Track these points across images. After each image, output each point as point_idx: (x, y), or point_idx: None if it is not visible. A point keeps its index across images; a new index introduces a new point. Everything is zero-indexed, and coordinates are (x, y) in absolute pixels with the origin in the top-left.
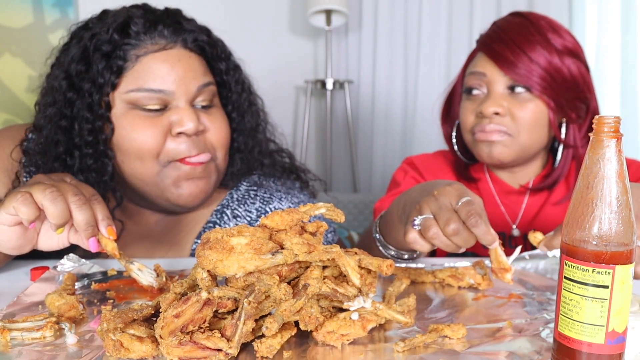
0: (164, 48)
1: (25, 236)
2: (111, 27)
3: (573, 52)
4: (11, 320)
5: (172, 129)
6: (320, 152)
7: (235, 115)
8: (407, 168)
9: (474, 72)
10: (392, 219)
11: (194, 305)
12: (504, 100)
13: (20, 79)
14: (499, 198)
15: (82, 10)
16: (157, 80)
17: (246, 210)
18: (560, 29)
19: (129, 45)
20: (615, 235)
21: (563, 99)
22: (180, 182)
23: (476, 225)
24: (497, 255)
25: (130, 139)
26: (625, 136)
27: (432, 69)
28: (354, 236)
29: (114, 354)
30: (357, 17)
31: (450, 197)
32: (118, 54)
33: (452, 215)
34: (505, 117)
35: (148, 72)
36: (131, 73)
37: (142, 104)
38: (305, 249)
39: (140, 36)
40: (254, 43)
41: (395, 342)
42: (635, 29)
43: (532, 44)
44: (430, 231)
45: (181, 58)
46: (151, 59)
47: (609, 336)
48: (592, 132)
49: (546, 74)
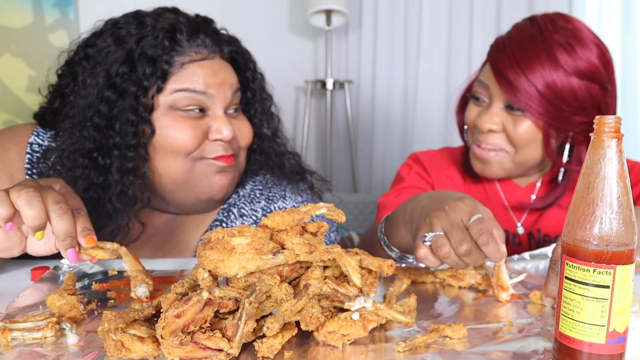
0: (207, 58)
1: (10, 239)
2: (160, 32)
3: (585, 74)
4: (12, 321)
5: (209, 134)
6: (320, 152)
7: (256, 120)
8: (412, 164)
9: (481, 81)
10: (398, 221)
11: (195, 306)
12: (500, 117)
13: (20, 79)
14: (504, 195)
15: (82, 10)
16: (202, 84)
17: (252, 209)
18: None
19: (175, 51)
20: (616, 236)
21: (564, 123)
22: (212, 176)
23: (487, 244)
24: (500, 272)
25: (170, 137)
26: (626, 136)
27: (432, 69)
28: (354, 237)
29: (115, 354)
30: (357, 17)
31: (462, 214)
32: (165, 59)
33: (464, 236)
34: (501, 133)
35: (194, 76)
36: (176, 77)
37: (183, 105)
38: (306, 249)
39: (185, 43)
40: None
41: (396, 342)
42: (635, 29)
43: (533, 65)
44: (443, 250)
45: (221, 67)
46: (196, 66)
47: (610, 336)
48: (593, 132)
49: (543, 99)
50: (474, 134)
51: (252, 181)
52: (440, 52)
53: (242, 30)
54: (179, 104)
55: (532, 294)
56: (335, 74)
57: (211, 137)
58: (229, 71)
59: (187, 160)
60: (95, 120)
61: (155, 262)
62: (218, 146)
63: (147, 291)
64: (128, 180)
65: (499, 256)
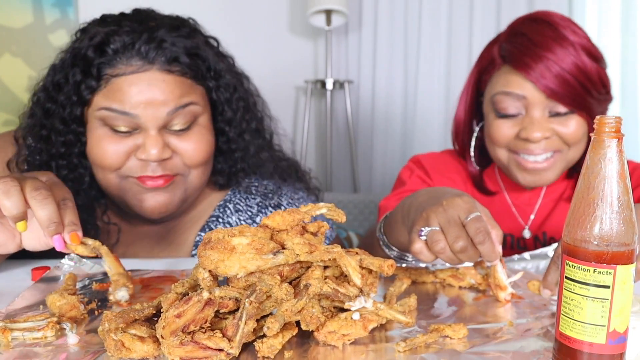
0: (138, 71)
1: (2, 233)
2: (90, 43)
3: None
4: (12, 320)
5: (137, 152)
6: (320, 152)
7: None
8: (414, 167)
9: (509, 92)
10: (396, 219)
11: (196, 305)
12: (548, 122)
13: (20, 79)
14: (509, 198)
15: (82, 10)
16: (125, 103)
17: (247, 205)
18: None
19: (104, 64)
20: (616, 236)
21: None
22: (140, 195)
23: (483, 242)
24: (496, 271)
25: (93, 153)
26: (626, 136)
27: (432, 69)
28: (352, 237)
29: (116, 354)
30: (357, 17)
31: (459, 211)
32: (92, 71)
33: (461, 232)
34: (552, 137)
35: (117, 93)
36: (103, 92)
37: (112, 124)
38: (307, 249)
39: (117, 56)
40: (254, 43)
41: (397, 342)
42: (635, 29)
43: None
44: (438, 246)
45: (153, 82)
46: (123, 81)
47: (610, 336)
48: (593, 132)
49: (584, 90)
50: (514, 147)
51: (248, 179)
52: (440, 52)
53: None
54: (106, 121)
55: (531, 283)
56: (335, 74)
57: (138, 156)
58: (168, 85)
59: (115, 176)
60: (41, 133)
61: (153, 262)
62: (146, 165)
63: (126, 295)
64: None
65: (493, 256)
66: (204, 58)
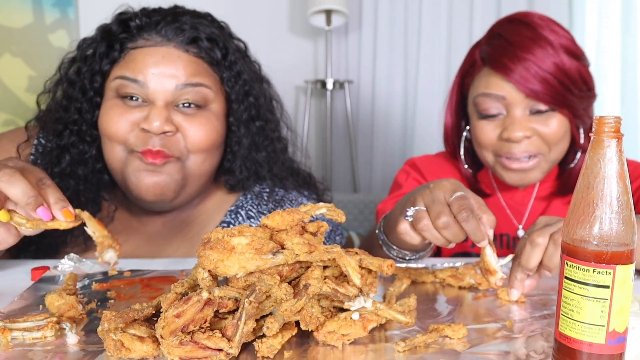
0: (155, 45)
1: None
2: (117, 18)
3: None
4: (12, 320)
5: (141, 123)
6: (320, 152)
7: (235, 127)
8: (409, 170)
9: (489, 94)
10: (395, 217)
11: (195, 305)
12: (528, 121)
13: (20, 79)
14: (503, 199)
15: (82, 10)
16: (137, 72)
17: (259, 211)
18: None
19: (127, 38)
20: (615, 235)
21: (580, 107)
22: (139, 173)
23: (466, 220)
24: (485, 255)
25: (102, 122)
26: (625, 136)
27: (432, 69)
28: (353, 237)
29: (115, 354)
30: (357, 17)
31: (445, 191)
32: (115, 45)
33: (443, 209)
34: (533, 137)
35: (132, 63)
36: (121, 63)
37: (124, 93)
38: (306, 249)
39: (140, 32)
40: (253, 43)
41: (396, 342)
42: (635, 29)
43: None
44: (421, 223)
45: (168, 56)
46: (139, 52)
47: (610, 336)
48: (593, 132)
49: (564, 89)
50: (498, 149)
51: (259, 185)
52: (440, 52)
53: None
54: (119, 91)
55: (499, 291)
56: (335, 74)
57: (141, 126)
58: (183, 61)
59: (121, 149)
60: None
61: (153, 262)
62: (148, 138)
63: (114, 256)
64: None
65: (479, 234)
66: (223, 47)
